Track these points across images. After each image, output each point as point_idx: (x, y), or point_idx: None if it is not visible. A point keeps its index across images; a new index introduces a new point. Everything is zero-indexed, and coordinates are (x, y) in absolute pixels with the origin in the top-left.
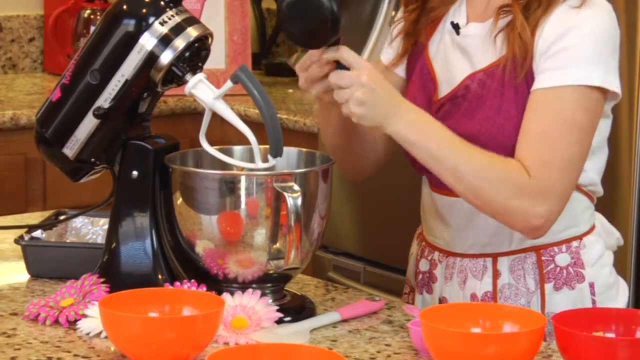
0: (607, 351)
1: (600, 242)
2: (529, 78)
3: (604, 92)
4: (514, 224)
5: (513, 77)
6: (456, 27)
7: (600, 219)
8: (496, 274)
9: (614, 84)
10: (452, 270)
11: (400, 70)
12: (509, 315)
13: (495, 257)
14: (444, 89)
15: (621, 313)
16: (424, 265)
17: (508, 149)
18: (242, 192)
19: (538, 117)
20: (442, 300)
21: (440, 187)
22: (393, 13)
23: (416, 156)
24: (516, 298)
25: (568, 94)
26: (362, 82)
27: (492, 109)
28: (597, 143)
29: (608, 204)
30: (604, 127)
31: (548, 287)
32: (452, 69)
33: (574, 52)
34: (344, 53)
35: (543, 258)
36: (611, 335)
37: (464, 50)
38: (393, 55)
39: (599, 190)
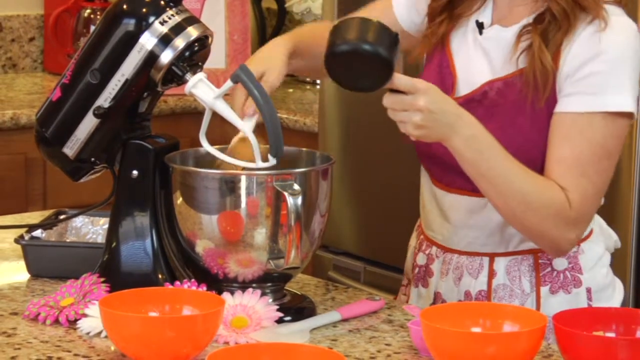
0: (607, 351)
1: (600, 245)
2: (550, 99)
3: (630, 116)
4: (544, 245)
5: (534, 100)
6: (480, 27)
7: (598, 222)
8: (492, 274)
9: (637, 109)
10: (449, 266)
11: (408, 24)
12: (509, 315)
13: (492, 256)
14: (462, 87)
15: (621, 313)
16: (421, 259)
17: (521, 157)
18: (243, 192)
19: (570, 143)
20: (436, 295)
21: (442, 182)
22: None
23: (466, 170)
24: (510, 299)
25: (599, 120)
26: (420, 107)
27: (506, 119)
28: None
29: (608, 205)
30: None
31: (544, 290)
32: (472, 69)
33: (604, 79)
34: (397, 80)
35: (540, 261)
36: (611, 334)
37: (485, 53)
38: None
39: (601, 202)
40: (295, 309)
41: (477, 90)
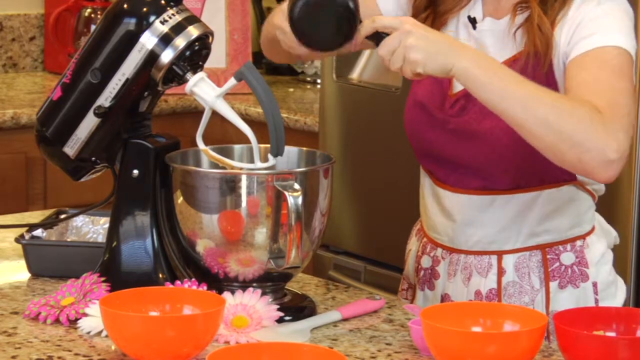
0: (608, 350)
1: (602, 241)
2: (549, 74)
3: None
4: (590, 157)
5: (535, 70)
6: (473, 22)
7: (598, 219)
8: (501, 272)
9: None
10: (456, 266)
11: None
12: (509, 314)
13: (500, 254)
14: (459, 84)
15: (622, 312)
16: (426, 262)
17: (525, 149)
18: (243, 191)
19: (587, 71)
20: (444, 297)
21: (447, 182)
22: None
23: (481, 96)
24: (520, 296)
25: (609, 50)
26: (409, 30)
27: None
28: None
29: (608, 204)
30: None
31: (553, 285)
32: None
33: (603, 21)
34: (379, 22)
35: (548, 256)
36: (612, 334)
37: (480, 46)
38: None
39: (602, 188)
40: (296, 308)
41: None
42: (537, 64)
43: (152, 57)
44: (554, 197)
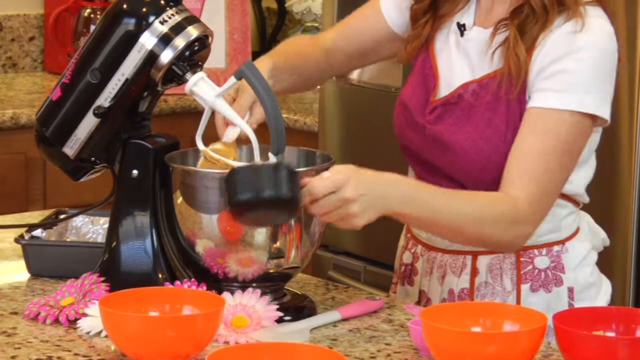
0: (608, 350)
1: (585, 244)
2: (522, 96)
3: (594, 118)
4: (491, 244)
5: (507, 92)
6: (461, 28)
7: (587, 220)
8: (474, 272)
9: (606, 113)
10: (433, 264)
11: (395, 23)
12: (509, 314)
13: (475, 255)
14: (443, 90)
15: (622, 312)
16: (407, 257)
17: (493, 163)
18: None
19: (535, 136)
20: (421, 293)
21: (424, 179)
22: None
23: (414, 225)
24: (492, 297)
25: (566, 118)
26: (350, 197)
27: (482, 121)
28: (585, 156)
29: (608, 205)
30: (594, 139)
31: (524, 288)
32: (453, 71)
33: (573, 78)
34: (316, 189)
35: (522, 259)
36: (611, 334)
37: (466, 54)
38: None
39: (585, 200)
40: (295, 308)
41: (453, 93)
42: (510, 85)
43: (151, 57)
44: None
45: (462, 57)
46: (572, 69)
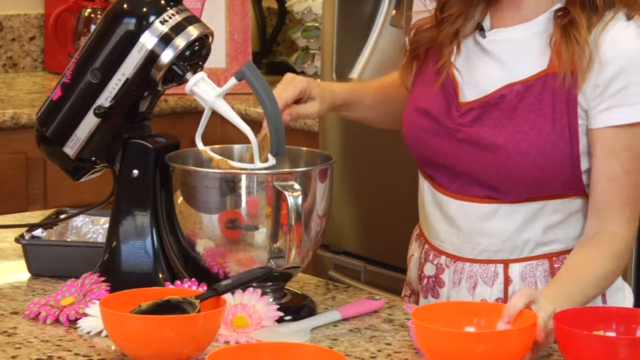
0: (608, 350)
1: None
2: (571, 101)
3: None
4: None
5: (564, 89)
6: (481, 30)
7: None
8: (507, 281)
9: None
10: (461, 275)
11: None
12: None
13: (506, 263)
14: (468, 92)
15: (622, 312)
16: (429, 270)
17: (537, 165)
18: (243, 191)
19: (619, 159)
20: None
21: (449, 189)
22: (393, 12)
23: None
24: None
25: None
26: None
27: (525, 122)
28: None
29: None
30: None
31: None
32: (476, 73)
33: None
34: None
35: (555, 265)
36: (612, 334)
37: (494, 57)
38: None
39: None
40: (296, 308)
41: (494, 93)
42: (566, 84)
43: (152, 57)
44: (560, 207)
45: (488, 59)
46: (637, 81)
